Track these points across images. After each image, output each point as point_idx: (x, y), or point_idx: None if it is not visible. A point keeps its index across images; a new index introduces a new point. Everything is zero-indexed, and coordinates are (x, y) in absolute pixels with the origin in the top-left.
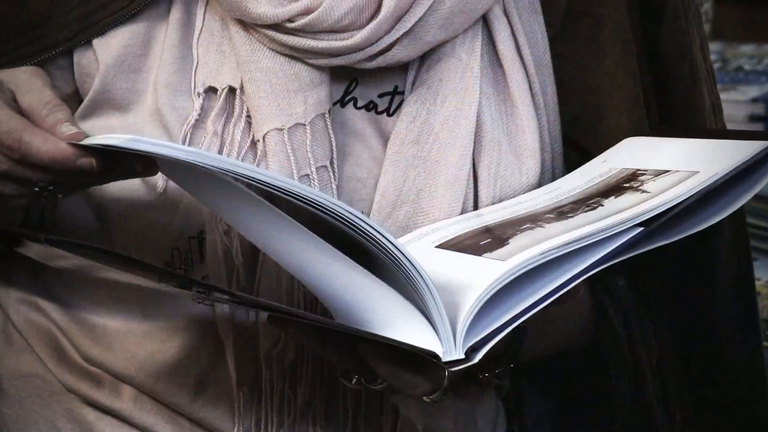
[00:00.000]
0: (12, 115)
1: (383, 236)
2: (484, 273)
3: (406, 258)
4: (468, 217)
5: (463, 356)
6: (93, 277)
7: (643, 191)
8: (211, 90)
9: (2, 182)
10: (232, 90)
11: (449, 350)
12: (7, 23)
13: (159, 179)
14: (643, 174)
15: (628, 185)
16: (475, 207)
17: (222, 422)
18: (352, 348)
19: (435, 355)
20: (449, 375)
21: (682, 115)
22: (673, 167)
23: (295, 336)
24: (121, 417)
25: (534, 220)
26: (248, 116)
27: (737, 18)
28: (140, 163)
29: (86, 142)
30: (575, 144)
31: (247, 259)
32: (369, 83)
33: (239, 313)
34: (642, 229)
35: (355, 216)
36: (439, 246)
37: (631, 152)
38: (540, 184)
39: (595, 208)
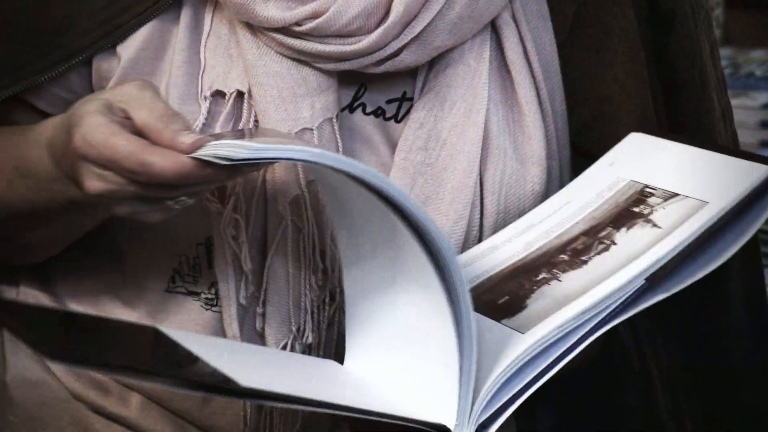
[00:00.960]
0: (128, 138)
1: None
2: (503, 347)
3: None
4: (482, 254)
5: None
6: (100, 284)
7: (654, 224)
8: (219, 94)
9: (135, 204)
10: (240, 94)
11: (462, 424)
12: (29, 32)
13: None
14: (652, 194)
15: (637, 210)
16: (481, 214)
17: (230, 430)
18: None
19: (446, 431)
20: None
21: (693, 122)
22: (681, 190)
23: None
24: (128, 425)
25: (549, 265)
26: (256, 121)
27: (748, 23)
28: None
29: (207, 152)
30: (584, 151)
31: (255, 265)
32: (377, 89)
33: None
34: (644, 282)
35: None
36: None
37: (638, 156)
38: (546, 192)
39: (608, 247)
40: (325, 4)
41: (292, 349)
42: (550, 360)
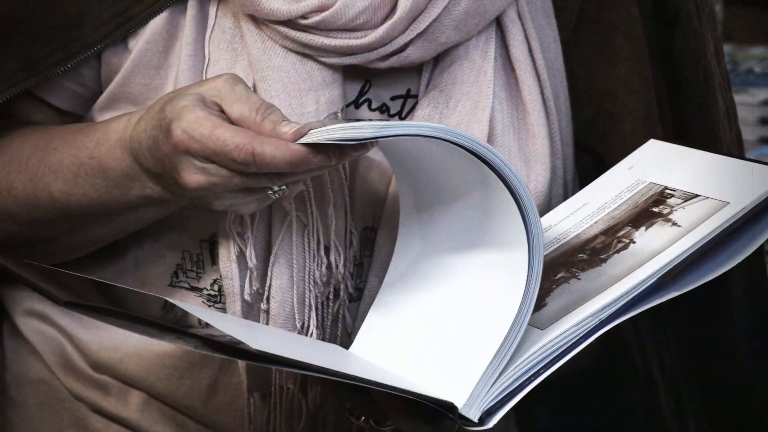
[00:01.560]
0: (235, 130)
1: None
2: (522, 342)
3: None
4: None
5: (477, 420)
6: (104, 277)
7: (674, 223)
8: None
9: (236, 195)
10: None
11: (470, 405)
12: (42, 27)
13: None
14: (672, 195)
15: (657, 210)
16: None
17: (233, 428)
18: (366, 390)
19: (452, 408)
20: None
21: (697, 120)
22: (702, 191)
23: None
24: (128, 425)
25: (567, 265)
26: None
27: (747, 20)
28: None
29: (319, 137)
30: (589, 149)
31: (259, 261)
32: (382, 85)
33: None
34: (654, 280)
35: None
36: None
37: (658, 161)
38: (550, 189)
39: (627, 245)
40: None
41: None
42: (556, 348)
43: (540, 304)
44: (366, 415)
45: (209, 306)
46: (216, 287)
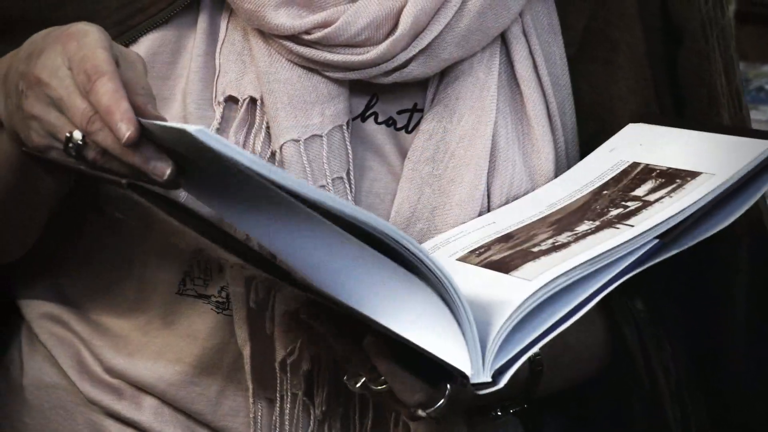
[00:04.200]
0: (108, 56)
1: (416, 248)
2: (510, 293)
3: (441, 272)
4: (482, 224)
5: (490, 379)
6: (112, 284)
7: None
8: (232, 100)
9: (33, 121)
10: (252, 100)
11: (477, 372)
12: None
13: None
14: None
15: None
16: None
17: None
18: (360, 343)
19: (464, 375)
20: (451, 389)
21: None
22: (686, 166)
23: (306, 324)
24: (141, 429)
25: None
26: (268, 127)
27: (758, 39)
28: (173, 170)
29: (157, 125)
30: None
31: None
32: (389, 99)
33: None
34: (658, 241)
35: (394, 232)
36: (461, 259)
37: (639, 142)
38: None
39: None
40: (334, 14)
41: (300, 353)
42: (565, 311)
43: (530, 260)
44: (362, 371)
45: (217, 313)
46: (224, 294)
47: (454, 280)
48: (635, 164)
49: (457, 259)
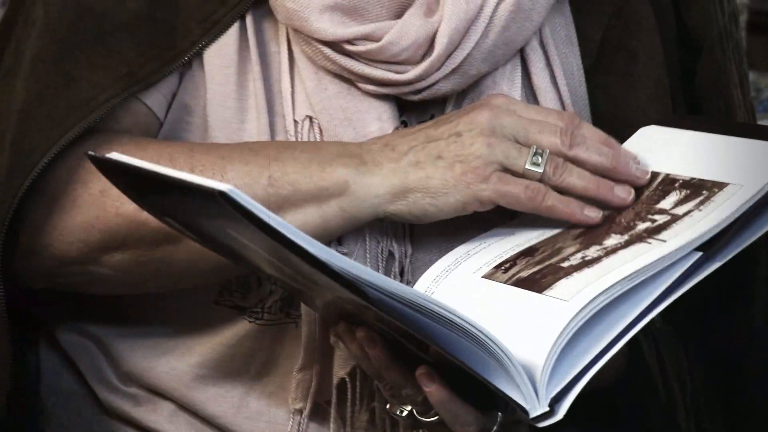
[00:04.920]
0: None
1: (460, 317)
2: (549, 316)
3: (486, 335)
4: (502, 235)
5: (548, 408)
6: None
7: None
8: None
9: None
10: (309, 119)
11: (533, 406)
12: (138, 38)
13: None
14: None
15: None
16: None
17: None
18: (412, 374)
19: (524, 410)
20: (501, 420)
21: None
22: (708, 175)
23: (359, 347)
24: None
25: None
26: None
27: None
28: None
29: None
30: None
31: None
32: (411, 109)
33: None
34: (701, 254)
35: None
36: (487, 276)
37: (654, 148)
38: None
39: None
40: (377, 30)
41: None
42: (612, 332)
43: (560, 278)
44: (412, 403)
45: (250, 323)
46: (260, 306)
47: (500, 342)
48: (654, 174)
49: (482, 276)
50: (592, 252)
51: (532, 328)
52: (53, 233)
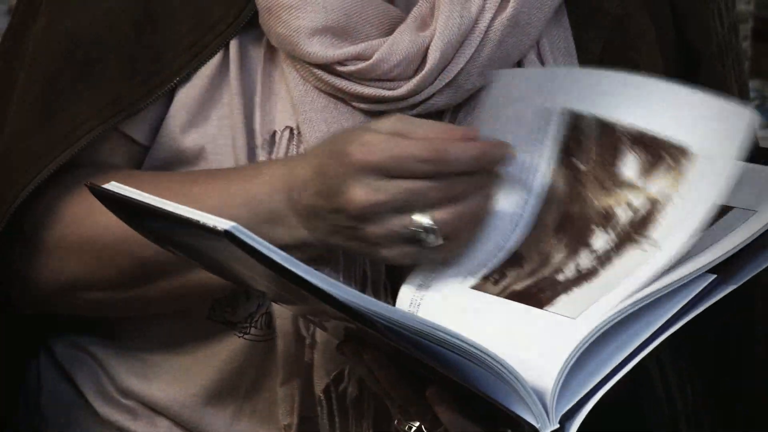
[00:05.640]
0: (417, 139)
1: (471, 345)
2: (556, 334)
3: (496, 360)
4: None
5: (558, 425)
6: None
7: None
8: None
9: (392, 242)
10: (289, 129)
11: (544, 424)
12: (124, 64)
13: None
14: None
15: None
16: None
17: None
18: (421, 392)
19: (535, 429)
20: None
21: None
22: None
23: (366, 367)
24: None
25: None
26: None
27: None
28: None
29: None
30: None
31: None
32: None
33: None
34: (714, 276)
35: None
36: (476, 287)
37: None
38: None
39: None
40: (368, 49)
41: (339, 382)
42: (625, 350)
43: (559, 293)
44: (421, 421)
45: (239, 337)
46: (249, 321)
47: (511, 368)
48: (576, 116)
49: (471, 287)
50: (585, 260)
51: (540, 346)
52: (29, 271)
